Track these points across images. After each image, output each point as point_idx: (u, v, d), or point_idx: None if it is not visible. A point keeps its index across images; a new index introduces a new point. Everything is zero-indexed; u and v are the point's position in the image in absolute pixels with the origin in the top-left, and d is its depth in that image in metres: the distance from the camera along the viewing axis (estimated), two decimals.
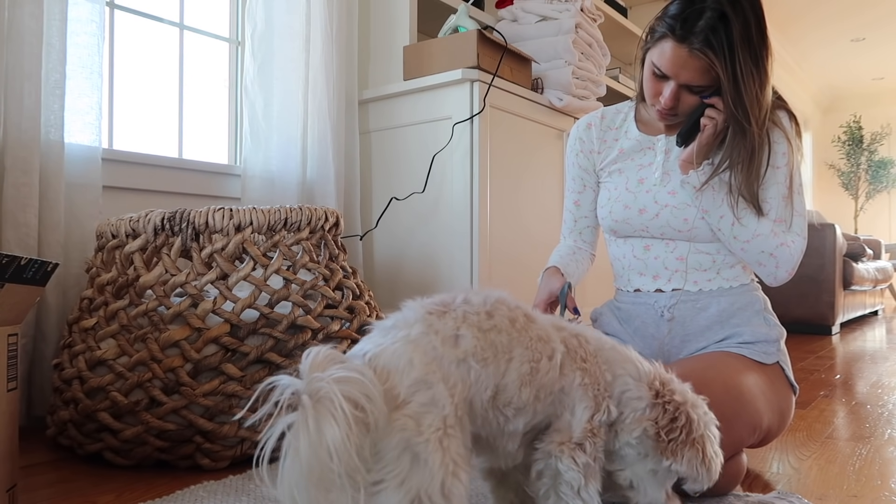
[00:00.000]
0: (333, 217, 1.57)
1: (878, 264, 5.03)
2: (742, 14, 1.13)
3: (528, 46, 2.54)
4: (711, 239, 1.27)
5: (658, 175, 1.31)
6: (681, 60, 1.17)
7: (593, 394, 0.84)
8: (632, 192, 1.33)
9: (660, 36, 1.20)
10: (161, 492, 1.19)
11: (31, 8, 1.58)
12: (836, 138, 8.93)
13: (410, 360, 0.71)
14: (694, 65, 1.17)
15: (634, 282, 1.36)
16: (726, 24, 1.13)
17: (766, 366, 1.23)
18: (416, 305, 0.79)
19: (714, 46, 1.14)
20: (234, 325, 1.36)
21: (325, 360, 0.67)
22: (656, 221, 1.29)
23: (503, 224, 2.25)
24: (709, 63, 1.15)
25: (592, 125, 1.43)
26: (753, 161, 1.20)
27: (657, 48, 1.20)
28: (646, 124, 1.39)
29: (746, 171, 1.20)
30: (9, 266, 0.96)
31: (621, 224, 1.34)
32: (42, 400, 1.65)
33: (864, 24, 6.18)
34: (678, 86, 1.20)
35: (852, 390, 2.20)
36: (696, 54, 1.15)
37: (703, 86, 1.19)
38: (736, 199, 1.21)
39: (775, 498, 1.14)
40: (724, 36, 1.13)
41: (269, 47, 2.16)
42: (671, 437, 0.84)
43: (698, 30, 1.14)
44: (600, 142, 1.42)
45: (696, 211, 1.25)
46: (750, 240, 1.22)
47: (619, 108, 1.45)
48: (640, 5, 3.89)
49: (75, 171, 1.71)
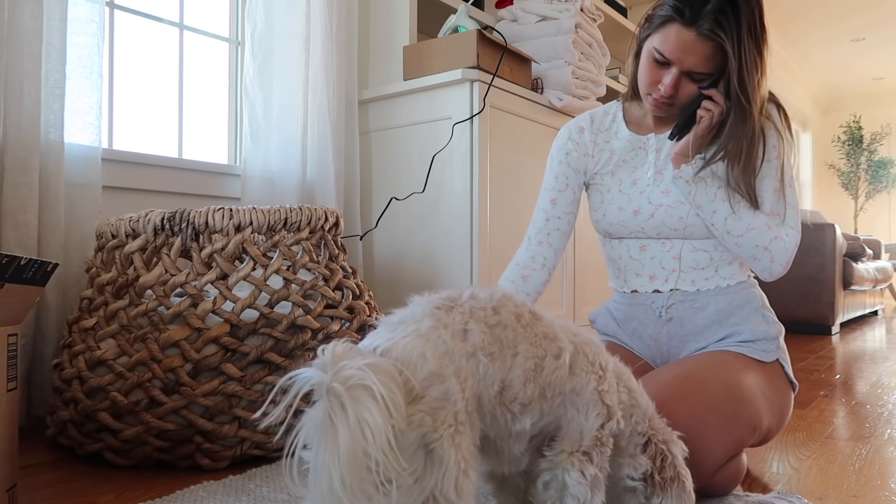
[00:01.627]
0: (333, 217, 1.57)
1: (878, 264, 5.03)
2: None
3: (527, 46, 2.54)
4: (707, 235, 1.27)
5: (651, 175, 1.30)
6: (687, 44, 1.16)
7: (608, 402, 0.84)
8: (625, 193, 1.32)
9: (663, 20, 1.18)
10: (161, 492, 1.19)
11: (30, 8, 1.58)
12: (836, 138, 8.93)
13: (423, 354, 0.70)
14: (700, 49, 1.16)
15: (631, 282, 1.35)
16: (734, 6, 1.13)
17: (766, 364, 1.23)
18: (423, 301, 0.79)
19: (725, 28, 1.13)
20: (234, 325, 1.36)
21: (347, 351, 0.65)
22: (652, 222, 1.29)
23: (503, 224, 2.25)
24: (717, 46, 1.14)
25: (585, 129, 1.40)
26: (752, 150, 1.20)
27: (660, 33, 1.19)
28: (635, 124, 1.37)
29: (745, 161, 1.20)
30: (9, 266, 0.96)
31: (616, 227, 1.33)
32: (42, 400, 1.65)
33: (864, 25, 6.18)
34: (679, 73, 1.19)
35: (852, 390, 2.20)
36: (706, 37, 1.14)
37: (704, 73, 1.19)
38: (732, 191, 1.21)
39: (775, 498, 1.14)
40: (732, 19, 1.13)
41: (269, 47, 2.16)
42: (663, 476, 0.88)
43: (706, 12, 1.13)
44: (593, 145, 1.39)
45: (690, 207, 1.25)
46: (744, 234, 1.21)
47: (606, 109, 1.43)
48: (640, 5, 3.89)
49: (75, 171, 1.71)
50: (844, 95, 8.80)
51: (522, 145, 2.37)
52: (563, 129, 1.43)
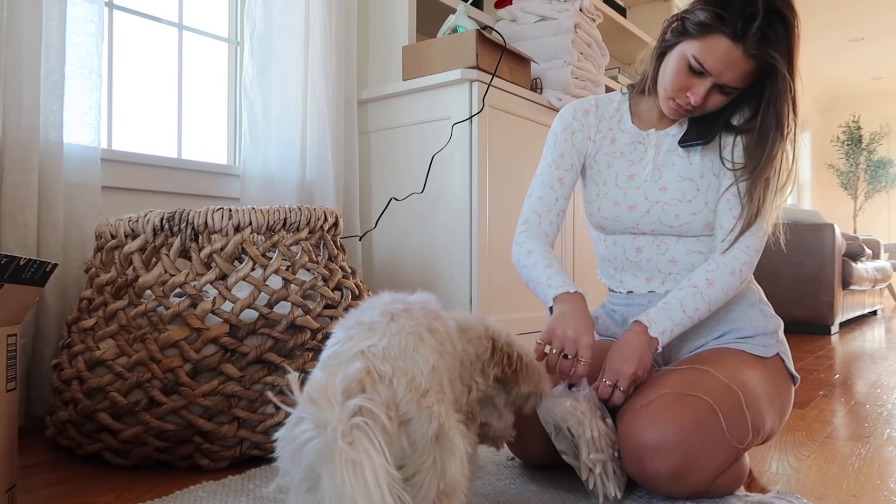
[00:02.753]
0: (332, 217, 1.57)
1: (877, 264, 5.03)
2: (794, 12, 1.11)
3: (527, 46, 2.54)
4: (701, 233, 1.26)
5: (649, 171, 1.29)
6: (731, 60, 1.11)
7: None
8: (622, 188, 1.30)
9: (706, 29, 1.12)
10: (160, 492, 1.19)
11: (29, 8, 1.58)
12: (836, 138, 8.94)
13: (418, 350, 0.75)
14: (743, 66, 1.12)
15: (627, 283, 1.35)
16: (784, 22, 1.09)
17: (767, 359, 1.23)
18: (380, 302, 0.84)
19: (776, 47, 1.09)
20: (234, 326, 1.36)
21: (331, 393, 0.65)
22: (647, 218, 1.28)
23: (502, 224, 2.25)
24: (766, 64, 1.11)
25: (590, 111, 1.37)
26: (778, 170, 1.18)
27: (702, 42, 1.13)
28: (639, 117, 1.35)
29: (768, 181, 1.18)
30: (8, 266, 0.96)
31: (611, 221, 1.31)
32: (41, 400, 1.65)
33: (863, 24, 6.18)
34: (713, 85, 1.16)
35: (851, 390, 2.21)
36: (754, 56, 1.10)
37: (736, 88, 1.16)
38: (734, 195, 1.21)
39: (774, 498, 1.14)
40: (783, 34, 1.09)
41: (268, 47, 2.16)
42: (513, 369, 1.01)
43: (756, 28, 1.08)
44: (596, 130, 1.36)
45: (687, 205, 1.24)
46: (724, 297, 1.21)
47: (610, 98, 1.39)
48: (639, 5, 3.89)
49: (74, 171, 1.71)
50: (843, 95, 8.81)
51: (522, 145, 2.37)
52: (568, 108, 1.39)
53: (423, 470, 0.68)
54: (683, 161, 1.27)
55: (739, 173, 1.21)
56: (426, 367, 0.73)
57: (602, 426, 1.10)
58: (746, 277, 1.23)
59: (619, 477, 1.11)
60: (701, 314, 1.19)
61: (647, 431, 1.04)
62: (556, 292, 1.19)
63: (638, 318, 1.18)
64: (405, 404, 0.69)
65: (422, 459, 0.68)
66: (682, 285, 1.21)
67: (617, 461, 1.11)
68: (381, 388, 0.69)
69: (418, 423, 0.68)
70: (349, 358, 0.73)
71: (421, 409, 0.69)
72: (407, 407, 0.69)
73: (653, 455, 1.04)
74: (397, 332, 0.76)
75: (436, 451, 0.68)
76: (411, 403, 0.69)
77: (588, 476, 1.09)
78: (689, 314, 1.18)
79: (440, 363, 0.77)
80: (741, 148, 1.23)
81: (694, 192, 1.25)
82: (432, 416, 0.69)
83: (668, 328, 1.17)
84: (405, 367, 0.72)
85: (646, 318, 1.17)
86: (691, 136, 1.26)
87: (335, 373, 0.69)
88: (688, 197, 1.25)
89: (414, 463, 0.68)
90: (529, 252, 1.27)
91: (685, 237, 1.28)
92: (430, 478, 0.67)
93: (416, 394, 0.70)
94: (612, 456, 1.10)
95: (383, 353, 0.73)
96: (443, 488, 0.68)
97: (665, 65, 1.22)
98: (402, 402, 0.69)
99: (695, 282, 1.20)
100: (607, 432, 1.10)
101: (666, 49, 1.22)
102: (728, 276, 1.20)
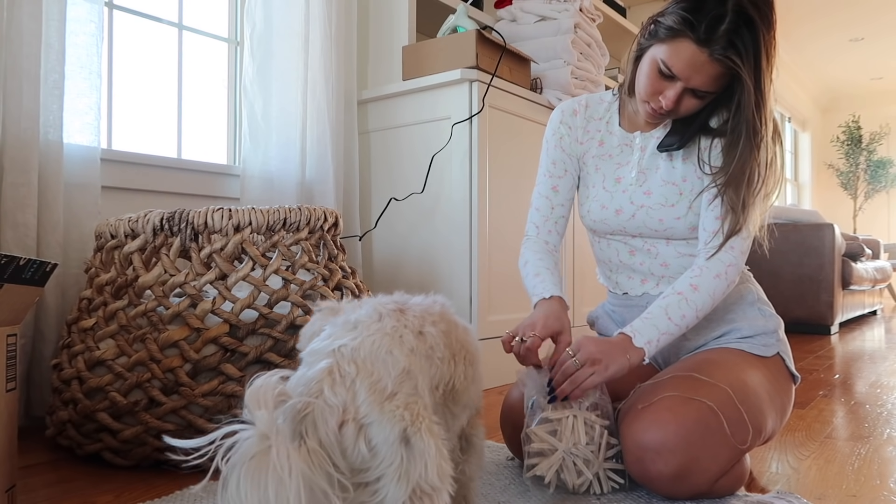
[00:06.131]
0: (332, 217, 1.57)
1: (877, 264, 5.03)
2: (767, 18, 1.08)
3: (527, 46, 2.54)
4: (688, 236, 1.25)
5: (634, 175, 1.28)
6: (697, 64, 1.10)
7: None
8: (609, 191, 1.30)
9: (673, 33, 1.11)
10: (160, 492, 1.19)
11: (29, 8, 1.58)
12: (835, 138, 8.94)
13: (391, 351, 0.73)
14: (710, 70, 1.10)
15: (623, 285, 1.35)
16: (751, 26, 1.07)
17: (767, 359, 1.23)
18: (375, 302, 0.83)
19: (740, 52, 1.07)
20: (233, 326, 1.36)
21: (267, 394, 0.65)
22: (633, 222, 1.28)
23: (502, 224, 2.25)
24: (730, 70, 1.09)
25: (578, 112, 1.37)
26: (755, 176, 1.16)
27: (669, 46, 1.12)
28: (627, 119, 1.34)
29: (746, 185, 1.15)
30: (7, 266, 0.96)
31: (599, 224, 1.32)
32: (41, 400, 1.65)
33: (863, 24, 6.18)
34: (683, 89, 1.15)
35: (851, 390, 2.21)
36: (719, 61, 1.09)
37: (708, 91, 1.15)
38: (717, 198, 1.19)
39: (774, 497, 1.14)
40: (749, 39, 1.07)
41: (268, 47, 2.16)
42: None
43: (721, 32, 1.06)
44: (584, 132, 1.36)
45: (670, 210, 1.24)
46: (711, 302, 1.18)
47: (602, 98, 1.39)
48: (639, 5, 3.89)
49: (74, 171, 1.71)
50: (843, 95, 8.81)
51: (522, 145, 2.37)
52: (556, 111, 1.39)
53: (387, 474, 0.66)
54: (667, 165, 1.26)
55: (715, 176, 1.19)
56: (395, 369, 0.71)
57: (580, 424, 1.10)
58: (733, 280, 1.20)
59: (584, 473, 1.11)
60: (688, 321, 1.16)
61: (649, 433, 1.04)
62: (536, 299, 1.26)
63: (623, 329, 1.16)
64: (366, 407, 0.67)
65: (386, 463, 0.66)
66: (666, 293, 1.19)
67: (586, 455, 1.11)
68: (338, 390, 0.67)
69: (379, 426, 0.67)
70: (322, 356, 0.72)
71: (383, 413, 0.67)
72: (368, 409, 0.67)
73: (655, 456, 1.04)
74: (374, 333, 0.74)
75: (403, 453, 0.66)
76: (372, 406, 0.67)
77: (537, 461, 1.10)
78: (675, 322, 1.15)
79: (418, 366, 0.75)
80: (718, 151, 1.21)
81: (677, 196, 1.24)
82: (395, 420, 0.67)
83: (654, 337, 1.14)
84: (371, 369, 0.70)
85: (630, 329, 1.15)
86: (670, 141, 1.25)
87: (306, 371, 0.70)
88: (671, 201, 1.24)
89: (378, 466, 0.66)
90: (525, 263, 1.34)
91: (674, 241, 1.28)
92: (394, 482, 0.66)
93: (379, 396, 0.68)
94: (571, 451, 1.10)
95: (352, 353, 0.71)
96: (416, 491, 0.66)
97: (640, 68, 1.20)
98: (362, 404, 0.67)
99: (679, 289, 1.18)
100: (586, 429, 1.10)
101: (641, 52, 1.21)
102: (713, 279, 1.17)
